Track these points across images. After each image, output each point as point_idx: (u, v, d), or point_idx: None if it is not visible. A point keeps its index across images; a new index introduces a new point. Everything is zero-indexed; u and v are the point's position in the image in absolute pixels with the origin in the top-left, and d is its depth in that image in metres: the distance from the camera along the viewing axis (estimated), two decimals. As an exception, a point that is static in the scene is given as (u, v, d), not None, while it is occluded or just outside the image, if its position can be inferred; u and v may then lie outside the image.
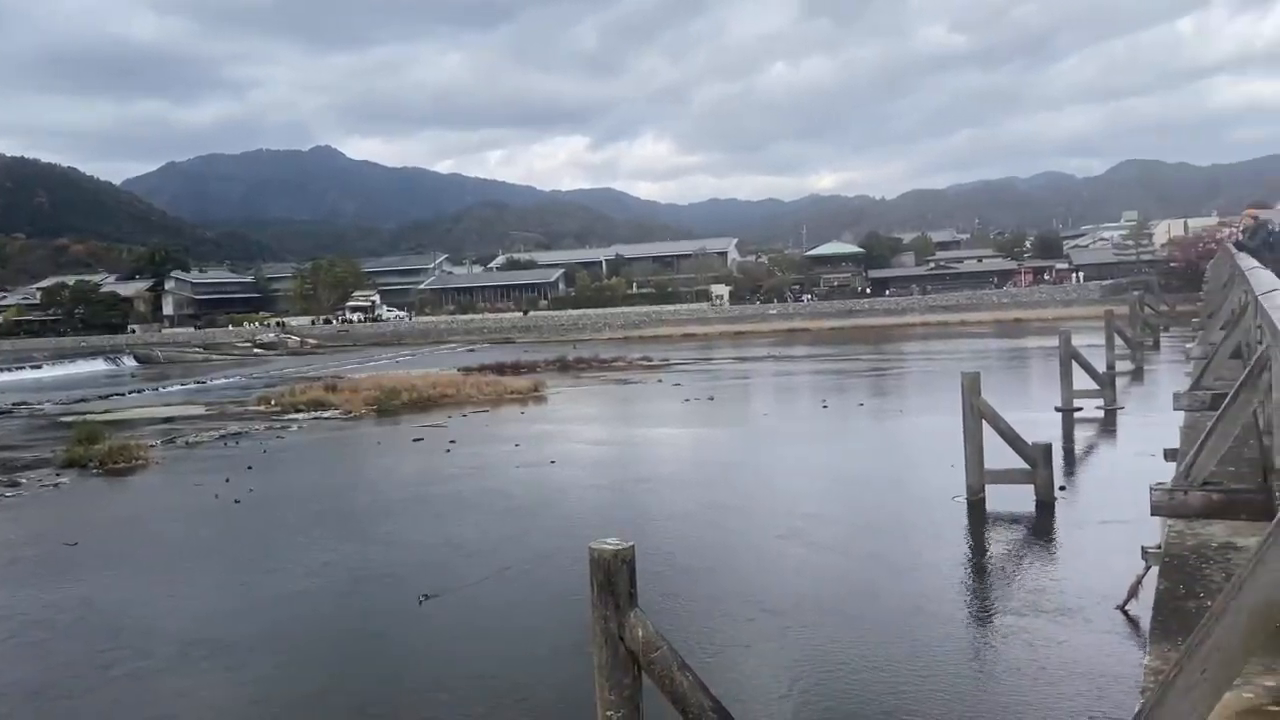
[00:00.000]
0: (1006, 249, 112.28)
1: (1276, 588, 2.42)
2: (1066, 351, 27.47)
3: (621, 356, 59.00)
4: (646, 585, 11.71)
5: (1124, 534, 13.75)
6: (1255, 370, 5.36)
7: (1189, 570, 4.74)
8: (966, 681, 10.18)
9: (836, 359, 54.67)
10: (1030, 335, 60.66)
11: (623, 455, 26.09)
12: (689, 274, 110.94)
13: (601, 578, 7.83)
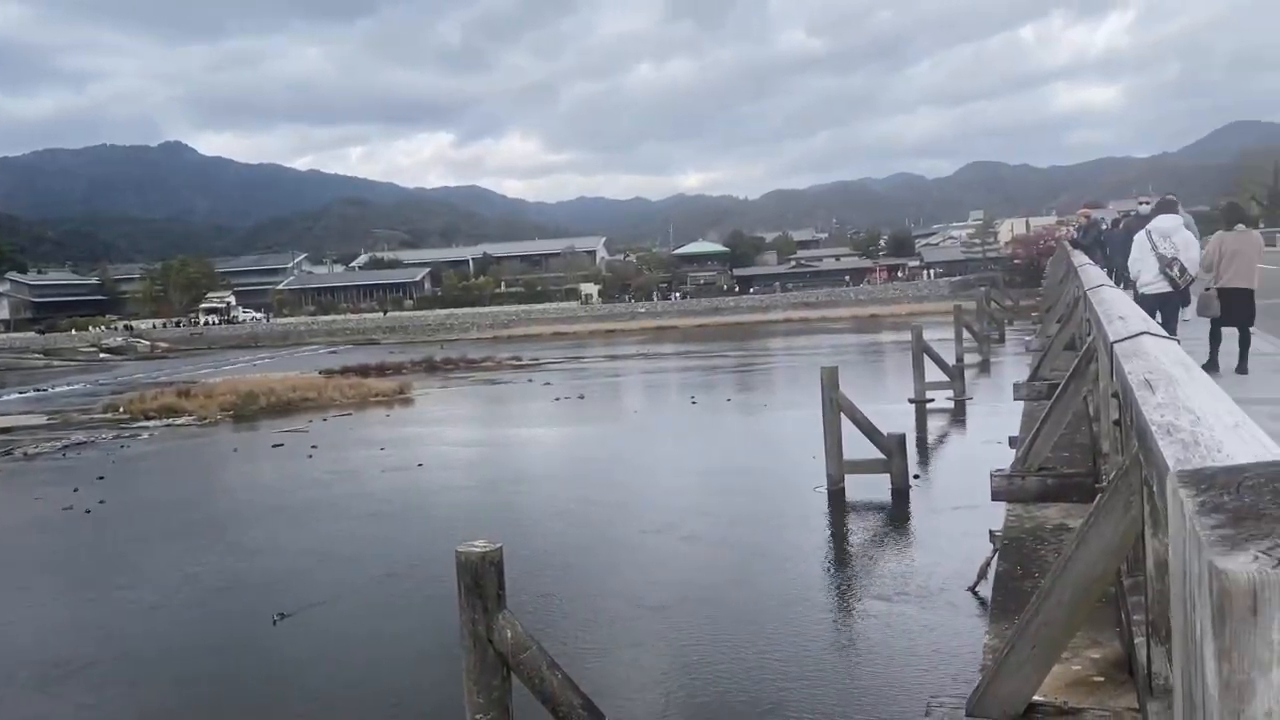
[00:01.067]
0: (863, 247, 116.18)
1: (1097, 565, 2.64)
2: (918, 346, 28.63)
3: (491, 356, 58.42)
4: (518, 586, 11.72)
5: (974, 518, 14.47)
6: (1084, 361, 5.77)
7: (1025, 551, 5.07)
8: (829, 666, 10.55)
9: (705, 356, 55.49)
10: (885, 330, 62.96)
11: (494, 456, 25.89)
12: (558, 273, 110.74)
13: (469, 580, 7.80)
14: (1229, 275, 10.48)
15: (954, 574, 12.81)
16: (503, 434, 30.00)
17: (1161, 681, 2.57)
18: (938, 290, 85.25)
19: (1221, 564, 0.59)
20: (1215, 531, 0.63)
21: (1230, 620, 0.59)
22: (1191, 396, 2.05)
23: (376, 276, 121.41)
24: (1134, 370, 2.54)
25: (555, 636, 10.89)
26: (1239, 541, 0.61)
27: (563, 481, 21.68)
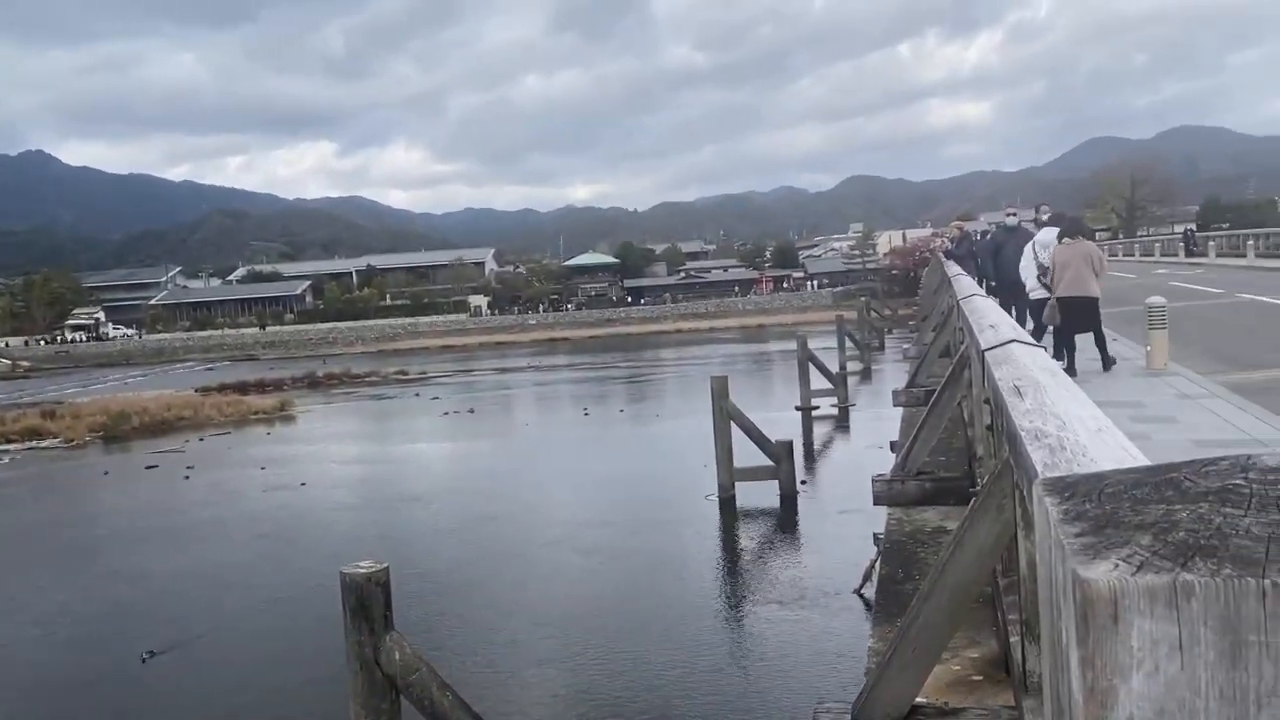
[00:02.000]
0: (749, 259, 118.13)
1: (973, 567, 2.73)
2: (804, 354, 29.22)
3: (376, 370, 57.22)
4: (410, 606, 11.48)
5: (859, 522, 14.83)
6: (958, 368, 5.99)
7: (906, 554, 5.22)
8: (724, 675, 10.64)
9: (597, 367, 55.51)
10: (772, 340, 64.11)
11: (380, 473, 25.32)
12: (446, 284, 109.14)
13: (354, 602, 7.60)
14: (1063, 285, 11.09)
15: (841, 577, 13.09)
16: (390, 450, 29.38)
17: (1036, 679, 2.66)
18: (821, 300, 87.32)
19: (1084, 573, 0.61)
20: (1078, 540, 0.65)
21: (1093, 628, 0.61)
22: (1058, 402, 2.13)
23: (255, 290, 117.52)
24: (1004, 377, 2.64)
25: (448, 657, 10.71)
26: (1100, 550, 0.63)
27: (454, 498, 21.35)
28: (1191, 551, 0.64)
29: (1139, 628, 0.63)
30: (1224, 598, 0.62)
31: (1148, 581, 0.63)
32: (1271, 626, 0.61)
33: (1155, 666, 0.63)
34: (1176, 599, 0.62)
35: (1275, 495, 0.68)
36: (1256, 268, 32.92)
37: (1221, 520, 0.66)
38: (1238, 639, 0.61)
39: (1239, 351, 12.83)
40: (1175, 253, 47.00)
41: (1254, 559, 0.63)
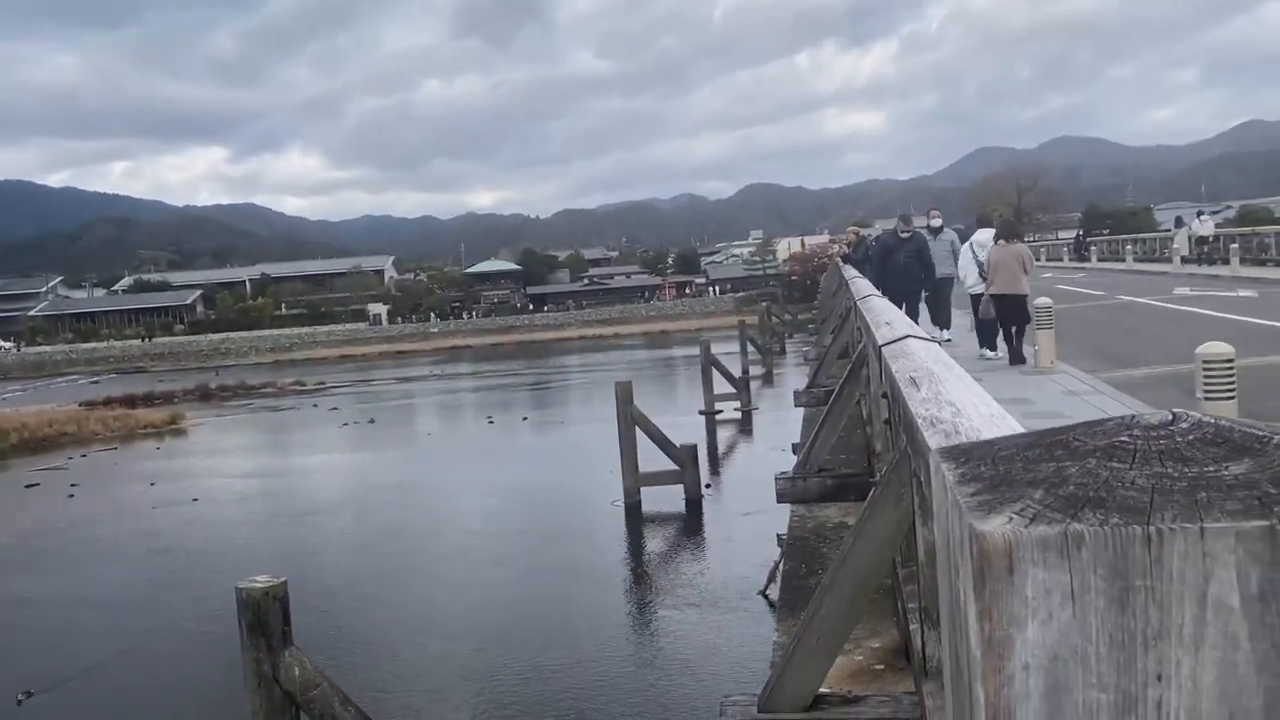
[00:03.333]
0: (651, 265, 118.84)
1: (873, 557, 2.79)
2: (706, 359, 29.53)
3: (272, 381, 55.65)
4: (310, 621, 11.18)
5: (763, 523, 15.01)
6: (856, 366, 6.13)
7: (809, 550, 5.32)
8: (633, 679, 10.65)
9: (500, 375, 55.05)
10: (676, 345, 64.56)
11: (277, 487, 24.63)
12: (344, 293, 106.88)
13: (251, 618, 7.40)
14: (998, 283, 12.23)
15: (747, 578, 13.24)
16: (288, 463, 28.61)
17: (935, 664, 2.73)
18: (723, 306, 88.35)
19: (980, 526, 0.62)
20: (974, 498, 0.66)
21: (989, 580, 0.62)
22: (952, 391, 2.19)
23: (143, 300, 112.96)
24: (900, 370, 2.70)
25: (352, 671, 10.47)
26: (995, 505, 0.64)
27: (356, 510, 20.89)
28: (1081, 503, 0.66)
29: (1033, 577, 0.65)
30: (1112, 545, 0.64)
31: (1040, 532, 0.65)
32: (1156, 572, 0.63)
33: (1049, 614, 0.65)
34: (1068, 548, 0.64)
35: (1158, 449, 0.71)
36: (1134, 271, 34.57)
37: (1109, 474, 0.69)
38: (1126, 585, 0.64)
39: (1121, 350, 13.45)
40: (1060, 257, 49.03)
41: (1139, 508, 0.65)
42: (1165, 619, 0.63)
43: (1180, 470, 0.68)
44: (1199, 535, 0.63)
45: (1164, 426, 0.74)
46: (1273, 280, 24.35)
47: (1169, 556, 0.63)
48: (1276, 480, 0.66)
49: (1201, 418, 0.74)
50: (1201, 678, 0.63)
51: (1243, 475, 0.67)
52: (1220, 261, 32.61)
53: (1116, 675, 0.64)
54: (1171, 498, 0.65)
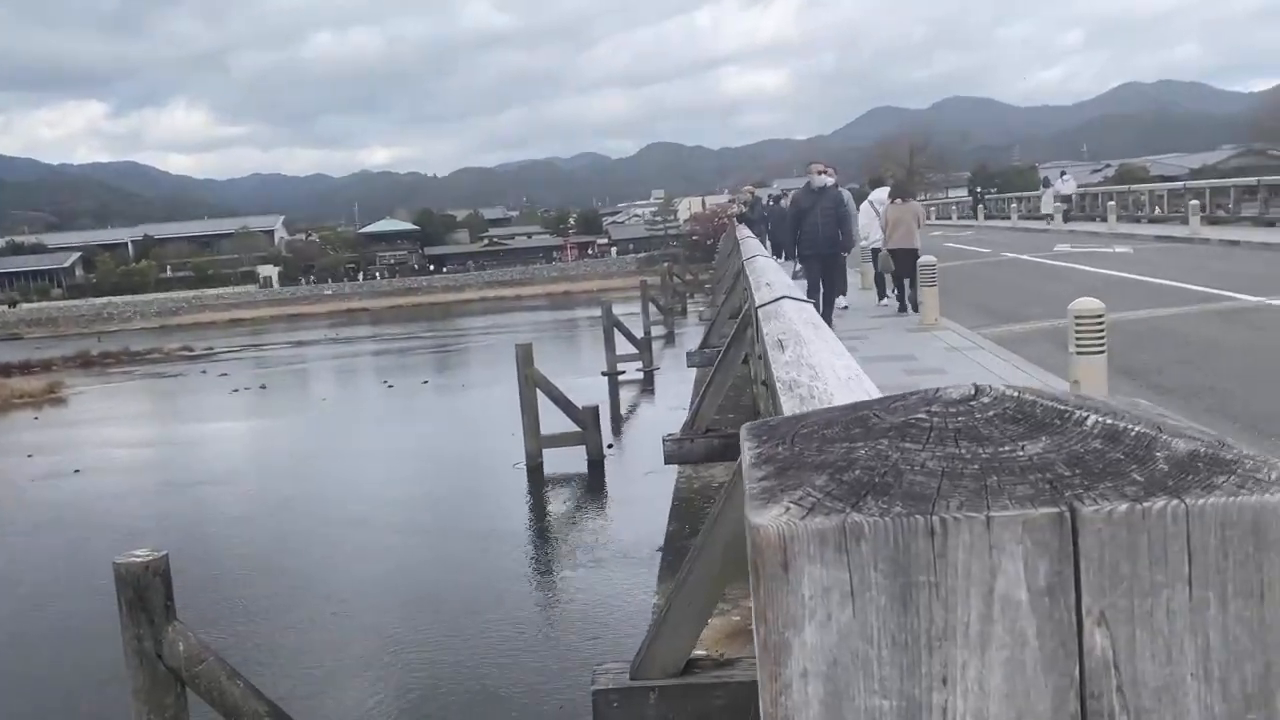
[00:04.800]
0: (553, 225, 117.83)
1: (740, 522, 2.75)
2: (608, 320, 29.49)
3: (158, 347, 53.62)
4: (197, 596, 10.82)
5: (664, 482, 15.08)
6: (741, 327, 6.14)
7: (693, 511, 5.32)
8: (532, 638, 10.63)
9: (399, 338, 54.10)
10: (579, 306, 64.35)
11: (164, 456, 23.78)
12: (233, 254, 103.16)
13: (131, 594, 7.17)
14: (895, 238, 13.35)
15: (647, 536, 13.32)
16: (175, 432, 27.62)
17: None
18: (625, 266, 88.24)
19: (755, 519, 0.55)
20: (760, 484, 0.59)
21: (764, 578, 0.55)
22: (815, 354, 2.15)
23: (15, 263, 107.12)
24: (770, 331, 2.67)
25: (244, 645, 10.24)
26: (777, 493, 0.57)
27: (247, 479, 20.31)
28: (865, 490, 0.60)
29: (810, 575, 0.58)
30: (893, 538, 0.58)
31: (817, 524, 0.58)
32: (940, 567, 0.58)
33: (828, 615, 0.58)
34: (846, 542, 0.58)
35: (954, 428, 0.65)
36: (1019, 229, 35.68)
37: (899, 456, 0.63)
38: (908, 581, 0.58)
39: (1003, 306, 13.86)
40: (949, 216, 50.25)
41: (925, 495, 0.59)
42: (950, 617, 0.58)
43: (974, 451, 0.62)
44: (985, 525, 0.57)
45: (965, 401, 0.69)
46: (1146, 236, 25.41)
47: (953, 549, 0.57)
48: (1072, 460, 0.60)
49: (1005, 391, 0.69)
50: (988, 680, 0.58)
51: (1037, 456, 0.61)
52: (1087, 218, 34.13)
53: (900, 680, 0.58)
54: (960, 483, 0.60)
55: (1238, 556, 0.57)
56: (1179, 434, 0.64)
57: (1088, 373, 6.46)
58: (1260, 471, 0.58)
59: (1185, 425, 0.69)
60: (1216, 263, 17.44)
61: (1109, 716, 0.58)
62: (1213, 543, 0.57)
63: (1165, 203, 31.91)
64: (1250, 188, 28.00)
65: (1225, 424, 6.97)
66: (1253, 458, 0.60)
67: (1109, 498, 0.57)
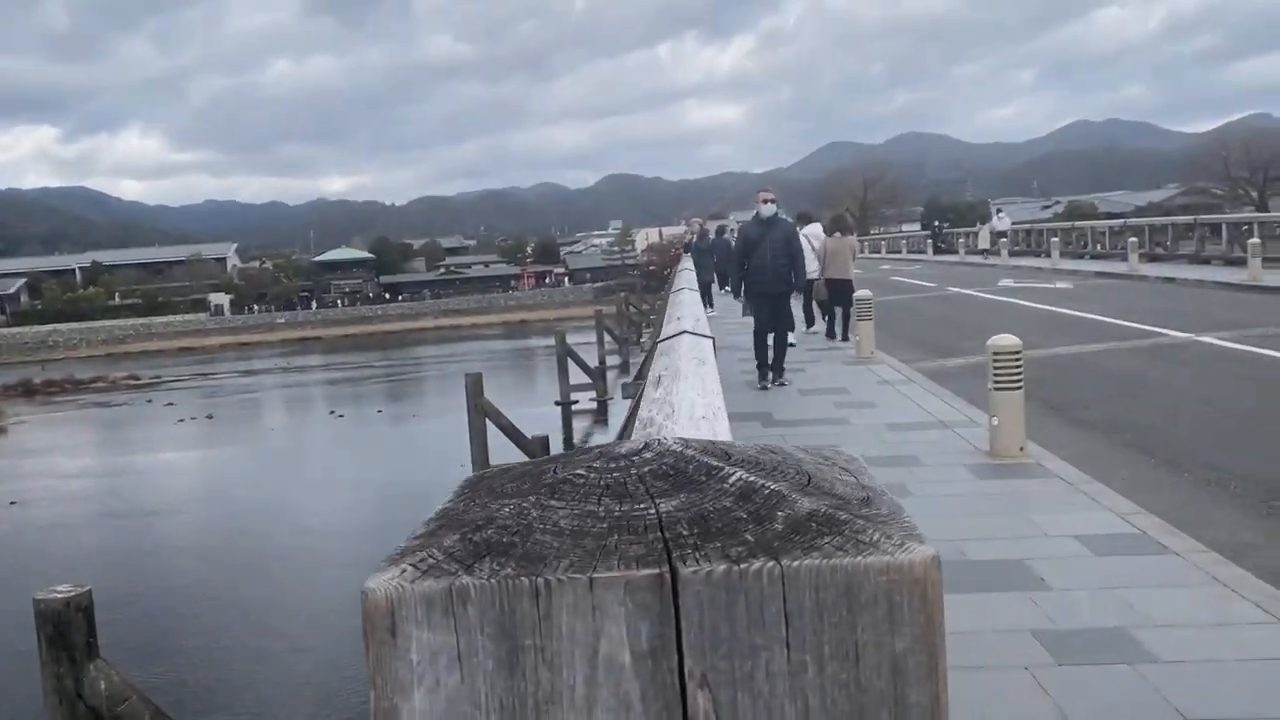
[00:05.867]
0: (510, 254, 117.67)
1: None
2: (562, 350, 29.41)
3: (103, 376, 52.61)
4: (129, 631, 10.55)
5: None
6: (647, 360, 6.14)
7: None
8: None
9: (352, 367, 53.59)
10: (535, 335, 64.23)
11: (105, 488, 23.25)
12: (183, 281, 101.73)
13: (51, 630, 7.00)
14: (832, 269, 14.09)
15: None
16: (118, 463, 27.04)
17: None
18: (582, 295, 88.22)
19: (368, 582, 0.54)
20: (404, 544, 0.58)
21: (373, 643, 0.54)
22: (684, 392, 2.16)
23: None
24: (655, 367, 2.68)
25: (175, 683, 9.99)
26: (404, 554, 0.57)
27: (189, 512, 19.91)
28: (485, 551, 0.60)
29: (417, 639, 0.58)
30: (499, 600, 0.57)
31: (426, 588, 0.58)
32: (546, 629, 0.57)
33: (436, 681, 0.58)
34: (453, 605, 0.58)
35: (605, 484, 0.65)
36: (966, 263, 36.26)
37: (538, 514, 0.62)
38: (515, 644, 0.57)
39: (940, 340, 14.05)
40: (899, 250, 50.95)
41: (541, 556, 0.59)
42: (557, 680, 0.57)
43: (610, 509, 0.62)
44: (588, 587, 0.57)
45: (629, 456, 0.68)
46: (1087, 272, 25.93)
47: (558, 611, 0.57)
48: (696, 520, 0.60)
49: (674, 445, 0.69)
50: (596, 743, 0.57)
51: (666, 515, 0.61)
52: (1032, 254, 35.04)
53: (509, 745, 0.58)
54: (582, 543, 0.59)
55: (832, 619, 0.57)
56: (822, 492, 0.64)
57: (1005, 408, 6.56)
58: (864, 534, 0.58)
59: (847, 481, 0.70)
60: (1152, 299, 17.84)
61: (716, 780, 0.57)
62: (808, 605, 0.57)
63: (1107, 240, 32.66)
64: (1188, 226, 28.75)
65: (1143, 458, 7.10)
66: (868, 519, 0.60)
67: (712, 559, 0.57)
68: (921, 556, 0.57)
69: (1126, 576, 4.42)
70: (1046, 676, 3.52)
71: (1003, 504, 5.73)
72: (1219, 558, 4.60)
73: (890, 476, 6.51)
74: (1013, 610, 4.13)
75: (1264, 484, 6.16)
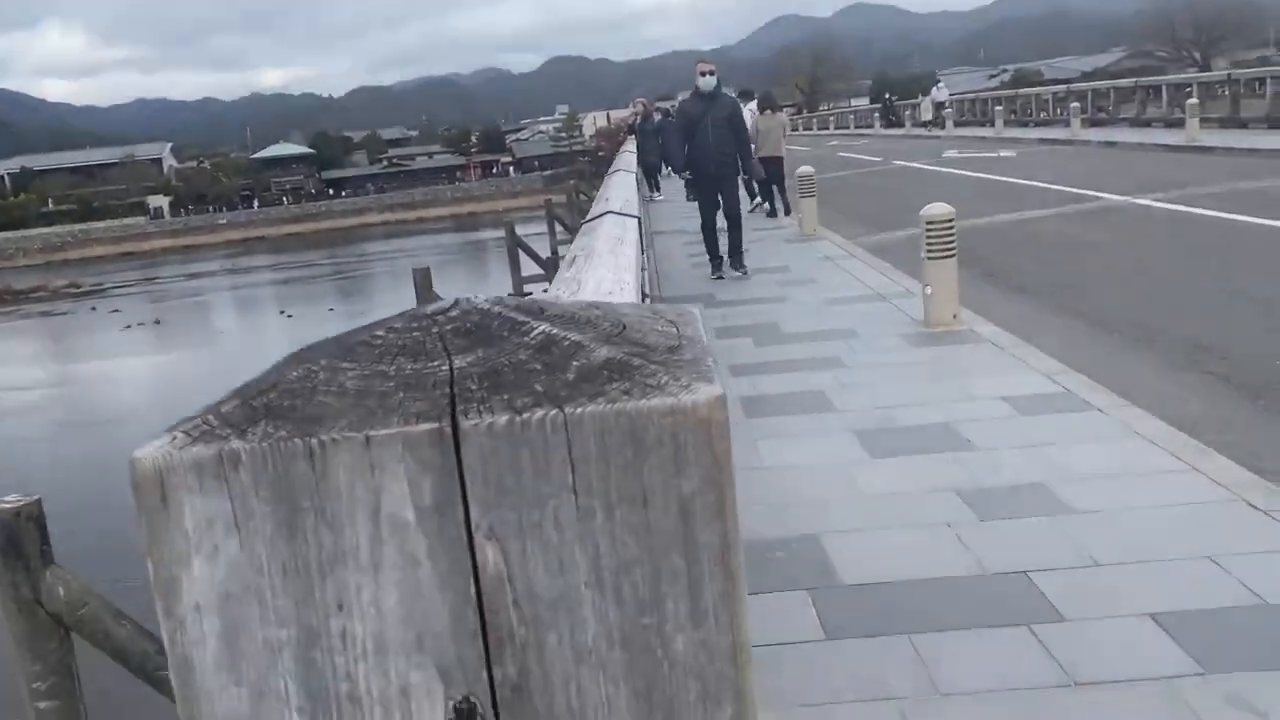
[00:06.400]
0: (454, 145, 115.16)
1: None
2: (512, 241, 29.02)
3: (43, 285, 51.41)
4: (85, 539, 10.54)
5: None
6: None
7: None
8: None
9: (300, 266, 52.76)
10: (485, 228, 63.37)
11: (50, 399, 22.94)
12: (119, 185, 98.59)
13: (3, 541, 6.98)
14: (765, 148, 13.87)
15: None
16: (63, 372, 26.63)
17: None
18: (531, 184, 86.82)
19: (137, 451, 0.52)
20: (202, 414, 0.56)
21: (146, 513, 0.52)
22: (595, 269, 2.13)
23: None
24: (574, 248, 2.64)
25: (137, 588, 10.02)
26: (177, 425, 0.54)
27: (144, 419, 19.71)
28: (262, 415, 0.58)
29: (190, 507, 0.56)
30: (272, 463, 0.55)
31: (195, 453, 0.56)
32: (323, 490, 0.56)
33: (215, 548, 0.56)
34: (225, 470, 0.56)
35: (402, 343, 0.62)
36: (912, 136, 36.08)
37: (327, 376, 0.60)
38: (293, 507, 0.56)
39: (883, 214, 14.05)
40: (847, 125, 50.50)
41: (319, 416, 0.56)
42: (340, 541, 0.56)
43: (402, 368, 0.60)
44: (365, 445, 0.55)
45: (435, 315, 0.66)
46: (1031, 140, 25.94)
47: (335, 471, 0.55)
48: (489, 374, 0.58)
49: (483, 303, 0.66)
50: (384, 602, 0.57)
51: (459, 371, 0.59)
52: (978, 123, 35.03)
53: (296, 609, 0.57)
54: (364, 403, 0.57)
55: (619, 464, 0.55)
56: (628, 341, 0.62)
57: (938, 276, 6.60)
58: (653, 378, 0.57)
59: (666, 332, 0.68)
60: (1092, 164, 17.91)
61: (508, 630, 0.57)
62: (593, 451, 0.55)
63: (1051, 106, 32.56)
64: (1130, 89, 28.71)
65: (1073, 318, 7.23)
66: (663, 364, 0.59)
67: (495, 411, 0.55)
68: (706, 396, 0.56)
69: (1050, 434, 4.55)
70: (968, 532, 3.64)
71: (934, 371, 5.83)
72: (1140, 412, 4.74)
73: (827, 350, 6.58)
74: (939, 471, 4.24)
75: (1189, 339, 6.31)
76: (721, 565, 0.57)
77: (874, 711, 2.64)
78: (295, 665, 0.57)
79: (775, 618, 3.20)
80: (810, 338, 6.90)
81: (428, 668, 0.57)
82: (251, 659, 0.57)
